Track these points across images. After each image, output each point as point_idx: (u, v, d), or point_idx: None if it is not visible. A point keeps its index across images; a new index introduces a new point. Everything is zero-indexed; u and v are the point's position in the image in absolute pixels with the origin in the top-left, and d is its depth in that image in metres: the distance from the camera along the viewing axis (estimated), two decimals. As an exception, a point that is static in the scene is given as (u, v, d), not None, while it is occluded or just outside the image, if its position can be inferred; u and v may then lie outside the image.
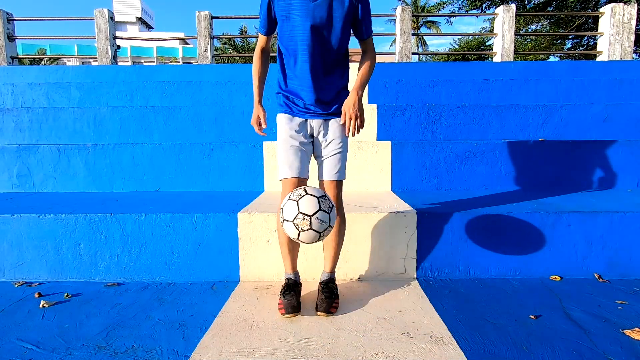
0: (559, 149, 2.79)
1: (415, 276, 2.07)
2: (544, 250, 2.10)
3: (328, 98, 1.71)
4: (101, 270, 2.09)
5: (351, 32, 1.72)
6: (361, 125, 1.67)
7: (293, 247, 1.76)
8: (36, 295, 1.89)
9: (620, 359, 1.35)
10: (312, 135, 1.76)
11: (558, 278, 2.06)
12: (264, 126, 1.80)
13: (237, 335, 1.51)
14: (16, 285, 2.03)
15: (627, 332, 1.52)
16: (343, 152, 1.74)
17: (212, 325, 1.59)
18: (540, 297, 1.85)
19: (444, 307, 1.74)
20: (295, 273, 1.81)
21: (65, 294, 1.91)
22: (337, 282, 1.89)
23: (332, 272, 1.83)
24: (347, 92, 1.76)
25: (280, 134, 1.74)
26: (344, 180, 1.77)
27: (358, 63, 1.78)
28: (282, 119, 1.75)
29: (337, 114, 1.73)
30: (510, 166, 2.78)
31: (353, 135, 1.66)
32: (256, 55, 1.80)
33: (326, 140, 1.73)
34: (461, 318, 1.65)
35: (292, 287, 1.72)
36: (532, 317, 1.65)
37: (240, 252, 2.06)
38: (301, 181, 1.69)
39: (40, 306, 1.78)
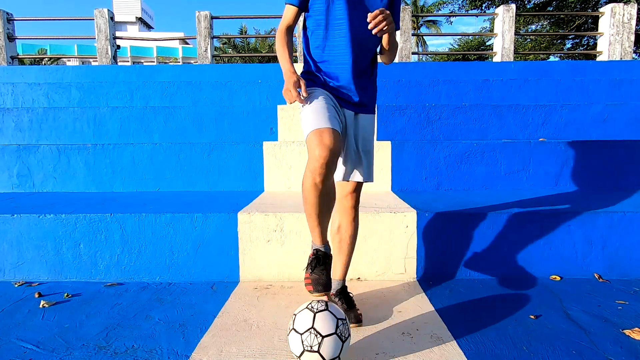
0: (559, 149, 2.79)
1: (415, 276, 2.07)
2: (544, 250, 2.10)
3: (362, 83, 1.58)
4: (101, 270, 2.09)
5: None
6: (388, 28, 1.38)
7: (323, 216, 1.46)
8: (36, 295, 1.89)
9: (620, 359, 1.35)
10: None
11: (558, 278, 2.06)
12: (304, 93, 1.43)
13: (237, 335, 1.51)
14: (16, 285, 2.03)
15: (627, 332, 1.52)
16: (370, 151, 1.62)
17: (212, 325, 1.59)
18: (540, 297, 1.85)
19: (444, 307, 1.74)
20: (326, 245, 1.51)
21: (65, 294, 1.91)
22: None
23: (344, 279, 1.73)
24: (374, 89, 1.66)
25: (314, 95, 1.50)
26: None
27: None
28: (318, 89, 1.55)
29: (366, 106, 1.61)
30: (510, 166, 2.78)
31: (376, 31, 1.38)
32: (281, 32, 1.55)
33: (353, 136, 1.59)
34: (461, 318, 1.65)
35: (321, 260, 1.46)
36: (532, 317, 1.65)
37: (240, 252, 2.06)
38: (335, 134, 1.39)
39: (40, 306, 1.78)
